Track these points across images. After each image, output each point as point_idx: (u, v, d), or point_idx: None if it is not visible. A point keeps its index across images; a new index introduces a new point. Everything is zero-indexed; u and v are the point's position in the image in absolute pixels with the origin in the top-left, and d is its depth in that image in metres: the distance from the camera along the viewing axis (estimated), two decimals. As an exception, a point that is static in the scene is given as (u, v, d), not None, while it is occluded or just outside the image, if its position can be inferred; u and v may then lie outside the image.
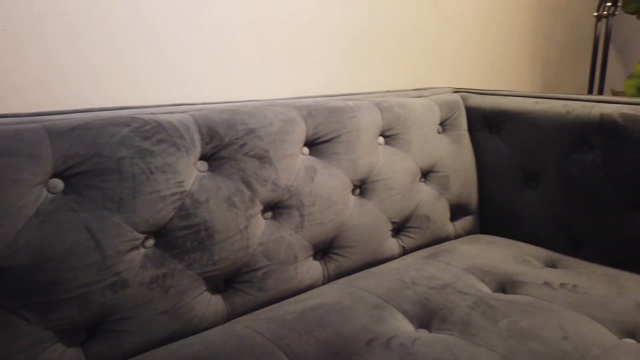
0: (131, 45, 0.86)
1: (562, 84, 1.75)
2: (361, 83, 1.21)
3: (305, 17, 1.08)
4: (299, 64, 1.09)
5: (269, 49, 1.03)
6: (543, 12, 1.58)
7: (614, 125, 0.94)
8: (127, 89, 0.87)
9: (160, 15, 0.88)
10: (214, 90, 0.97)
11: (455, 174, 1.10)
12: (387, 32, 1.24)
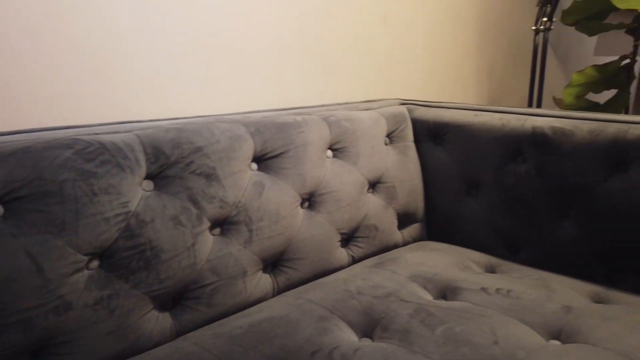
0: (75, 62, 0.86)
1: (506, 94, 1.83)
2: (312, 96, 1.24)
3: (254, 31, 1.10)
4: (249, 78, 1.11)
5: (217, 64, 1.04)
6: (487, 27, 1.66)
7: (545, 138, 1.01)
8: (70, 107, 0.86)
9: (103, 31, 0.88)
10: (161, 107, 0.97)
11: (402, 184, 1.15)
12: (337, 46, 1.28)
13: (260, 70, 1.12)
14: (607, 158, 0.92)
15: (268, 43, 1.12)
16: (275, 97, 1.16)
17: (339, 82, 1.30)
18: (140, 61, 0.93)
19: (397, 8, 1.39)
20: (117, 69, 0.91)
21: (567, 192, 0.98)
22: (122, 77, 0.91)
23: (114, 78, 0.90)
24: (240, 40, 1.07)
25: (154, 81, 0.96)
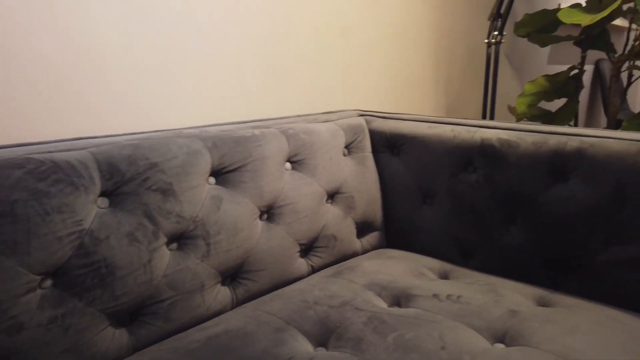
0: (28, 78, 0.85)
1: (463, 103, 1.90)
2: (272, 109, 1.26)
3: (213, 45, 1.11)
4: (208, 92, 1.12)
5: (175, 78, 1.05)
6: (443, 39, 1.72)
7: (493, 149, 1.06)
8: (23, 124, 0.86)
9: (56, 46, 0.88)
10: (117, 122, 0.97)
11: (360, 194, 1.18)
12: (297, 59, 1.30)
13: (220, 84, 1.13)
14: (549, 168, 0.98)
15: (227, 57, 1.14)
16: (235, 110, 1.18)
17: (299, 94, 1.32)
18: (96, 76, 0.93)
19: (355, 22, 1.42)
20: (72, 84, 0.90)
21: (514, 201, 1.03)
22: (77, 93, 0.91)
23: (68, 93, 0.90)
24: (199, 54, 1.08)
25: (110, 96, 0.96)
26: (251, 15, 1.17)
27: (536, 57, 2.44)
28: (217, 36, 1.11)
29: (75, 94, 0.91)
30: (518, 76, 2.32)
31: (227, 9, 1.11)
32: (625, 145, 0.89)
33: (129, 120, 0.99)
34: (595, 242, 0.93)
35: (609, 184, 0.90)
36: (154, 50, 1.01)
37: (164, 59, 1.02)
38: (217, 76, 1.13)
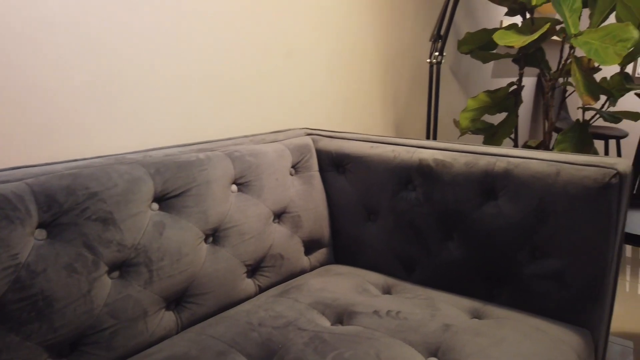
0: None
1: (410, 118, 1.97)
2: (219, 130, 1.28)
3: (157, 67, 1.11)
4: (152, 115, 1.12)
5: (117, 102, 1.05)
6: (389, 58, 1.78)
7: (429, 169, 1.11)
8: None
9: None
10: (57, 149, 0.97)
11: (307, 212, 1.21)
12: (244, 79, 1.32)
13: (164, 106, 1.14)
14: (480, 187, 1.04)
15: (172, 78, 1.15)
16: (180, 132, 1.18)
17: (246, 114, 1.34)
18: (35, 101, 0.93)
19: (301, 42, 1.46)
20: (9, 110, 0.89)
21: (450, 217, 1.09)
22: (15, 120, 0.90)
23: (4, 120, 0.89)
24: (142, 77, 1.09)
25: (49, 122, 0.95)
26: (196, 35, 1.18)
27: (481, 71, 2.56)
28: (161, 57, 1.12)
29: (10, 121, 0.90)
30: (464, 90, 2.43)
31: (169, 29, 1.12)
32: (545, 166, 0.97)
33: (68, 146, 0.98)
34: (522, 256, 1.00)
35: (533, 202, 0.97)
36: (91, 72, 1.00)
37: (103, 80, 1.02)
38: (161, 98, 1.13)
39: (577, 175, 0.92)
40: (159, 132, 1.14)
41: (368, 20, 1.67)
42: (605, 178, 0.90)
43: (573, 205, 0.92)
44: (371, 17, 1.68)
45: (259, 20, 1.33)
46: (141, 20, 1.06)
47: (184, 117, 1.19)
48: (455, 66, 2.29)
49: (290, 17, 1.41)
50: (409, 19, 1.85)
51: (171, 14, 1.12)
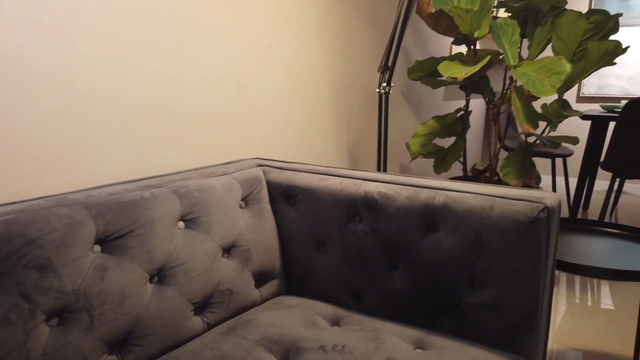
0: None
1: (362, 143, 2.02)
2: (168, 164, 1.28)
3: (99, 103, 1.11)
4: (96, 152, 1.11)
5: (58, 141, 1.04)
6: (341, 87, 1.83)
7: (374, 202, 1.15)
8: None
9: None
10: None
11: (257, 245, 1.22)
12: (193, 112, 1.33)
13: (110, 142, 1.13)
14: (422, 220, 1.08)
15: (118, 113, 1.14)
16: (127, 168, 1.18)
17: (196, 146, 1.35)
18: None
19: (251, 73, 1.48)
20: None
21: (395, 249, 1.13)
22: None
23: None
24: (85, 112, 1.08)
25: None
26: (143, 67, 1.18)
27: (433, 94, 2.65)
28: (105, 89, 1.11)
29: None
30: (417, 113, 2.51)
31: (114, 61, 1.12)
32: (480, 200, 1.02)
33: (5, 189, 0.96)
34: (462, 287, 1.04)
35: (469, 234, 1.01)
36: (29, 107, 0.99)
37: (43, 116, 1.01)
38: (106, 133, 1.13)
39: (509, 210, 0.98)
40: (104, 168, 1.13)
41: (319, 50, 1.71)
42: (534, 212, 0.95)
43: (506, 238, 0.97)
44: (322, 47, 1.72)
45: (208, 51, 1.34)
46: (83, 53, 1.06)
47: (131, 152, 1.18)
48: (407, 90, 2.37)
49: (241, 49, 1.44)
50: (360, 49, 1.91)
51: (115, 45, 1.12)
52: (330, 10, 1.73)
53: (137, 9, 1.15)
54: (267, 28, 1.51)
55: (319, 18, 1.68)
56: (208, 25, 1.33)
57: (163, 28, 1.21)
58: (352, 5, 1.82)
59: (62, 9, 1.00)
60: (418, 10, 1.93)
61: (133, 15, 1.14)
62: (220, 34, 1.37)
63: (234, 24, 1.40)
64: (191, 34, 1.29)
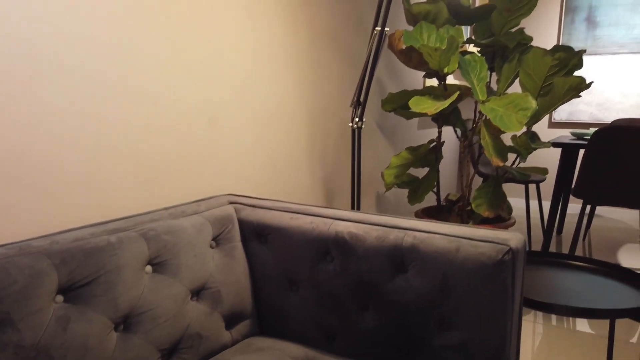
0: None
1: (337, 174, 2.03)
2: (137, 204, 1.26)
3: (67, 138, 1.10)
4: (61, 195, 1.10)
5: (21, 181, 1.03)
6: (315, 120, 1.85)
7: (345, 241, 1.15)
8: None
9: None
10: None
11: (227, 286, 1.21)
12: (164, 149, 1.32)
13: (76, 183, 1.12)
14: (391, 261, 1.09)
15: (84, 153, 1.13)
16: (94, 210, 1.16)
17: (166, 186, 1.34)
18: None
19: (223, 110, 1.49)
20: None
21: (365, 289, 1.13)
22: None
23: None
24: (48, 157, 1.07)
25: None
26: (110, 109, 1.18)
27: (407, 124, 2.69)
28: (69, 133, 1.11)
29: None
30: (392, 141, 2.54)
31: (79, 103, 1.12)
32: (447, 242, 1.03)
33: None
34: (431, 328, 1.04)
35: (437, 276, 1.02)
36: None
37: (4, 161, 1.00)
38: (72, 175, 1.11)
39: (474, 252, 0.99)
40: (69, 212, 1.11)
41: (294, 84, 1.73)
42: (499, 255, 0.97)
43: (472, 280, 0.99)
44: (297, 81, 1.74)
45: (179, 88, 1.34)
46: (46, 96, 1.05)
47: (98, 194, 1.17)
48: (382, 119, 2.40)
49: (214, 85, 1.45)
50: (334, 82, 1.94)
51: (80, 87, 1.11)
52: (305, 44, 1.76)
53: (104, 50, 1.15)
54: (242, 63, 1.52)
55: (293, 52, 1.71)
56: (179, 63, 1.34)
57: (131, 68, 1.21)
58: (326, 39, 1.86)
59: (25, 53, 1.00)
60: (390, 46, 1.98)
61: (99, 56, 1.14)
62: (193, 70, 1.37)
63: (207, 60, 1.41)
64: (161, 72, 1.29)
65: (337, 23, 1.91)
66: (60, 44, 1.06)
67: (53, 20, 1.04)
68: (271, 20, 1.61)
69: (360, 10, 2.07)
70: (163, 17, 1.27)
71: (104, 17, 1.14)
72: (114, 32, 1.16)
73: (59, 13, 1.05)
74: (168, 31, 1.29)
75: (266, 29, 1.59)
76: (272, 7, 1.61)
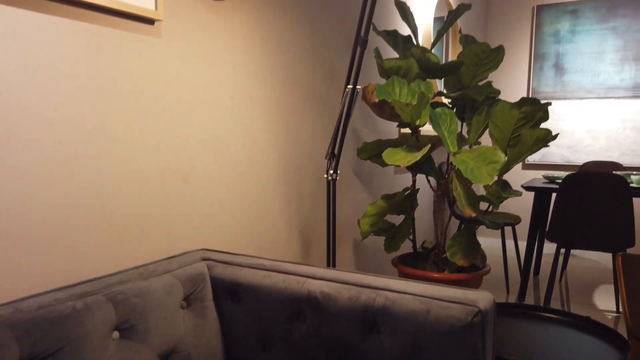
0: None
1: (313, 224, 2.04)
2: (108, 263, 1.25)
3: (31, 197, 1.08)
4: (26, 256, 1.08)
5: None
6: (291, 172, 1.87)
7: (317, 301, 1.15)
8: None
9: None
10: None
11: (197, 349, 1.19)
12: (136, 207, 1.32)
13: (44, 247, 1.10)
14: (363, 322, 1.09)
15: (53, 218, 1.12)
16: (62, 273, 1.14)
17: (137, 243, 1.33)
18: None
19: (197, 165, 1.50)
20: None
21: (338, 349, 1.12)
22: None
23: None
24: (14, 219, 1.05)
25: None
26: (80, 168, 1.17)
27: (384, 170, 2.73)
28: (37, 194, 1.09)
29: None
30: (369, 187, 2.57)
31: (47, 164, 1.11)
32: (418, 303, 1.04)
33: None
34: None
35: (408, 338, 1.02)
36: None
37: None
38: (39, 239, 1.10)
39: (444, 315, 1.00)
40: (36, 275, 1.09)
41: (268, 136, 1.75)
42: (468, 317, 0.97)
43: (442, 342, 0.99)
44: (271, 133, 1.77)
45: (152, 147, 1.35)
46: (14, 157, 1.05)
47: (67, 256, 1.15)
48: (358, 166, 2.44)
49: (186, 141, 1.46)
50: (310, 134, 1.97)
51: (52, 146, 1.11)
52: (280, 96, 1.79)
53: (75, 109, 1.16)
54: (216, 117, 1.54)
55: (268, 104, 1.74)
56: (152, 121, 1.35)
57: (102, 127, 1.22)
58: (301, 91, 1.90)
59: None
60: (364, 98, 2.04)
61: (71, 115, 1.15)
62: (166, 127, 1.39)
63: (180, 116, 1.43)
64: (134, 131, 1.30)
65: (311, 75, 1.97)
66: (32, 100, 1.06)
67: (24, 78, 1.05)
68: (246, 73, 1.65)
69: (335, 63, 2.13)
70: (135, 75, 1.30)
71: (75, 76, 1.15)
72: (87, 92, 1.17)
73: (32, 71, 1.06)
74: (140, 88, 1.31)
75: (240, 83, 1.63)
76: (247, 60, 1.65)
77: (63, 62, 1.11)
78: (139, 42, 1.29)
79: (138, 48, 1.29)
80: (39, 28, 1.07)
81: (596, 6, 4.17)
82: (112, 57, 1.22)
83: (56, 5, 1.10)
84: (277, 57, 1.78)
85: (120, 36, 1.24)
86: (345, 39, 2.21)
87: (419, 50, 1.89)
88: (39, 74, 1.07)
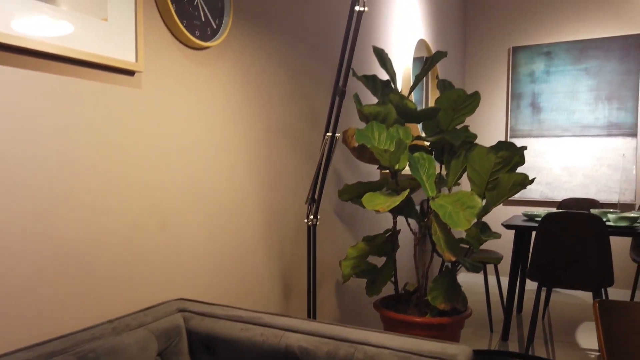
0: None
1: (295, 266, 2.02)
2: (79, 318, 1.21)
3: (5, 254, 1.06)
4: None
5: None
6: (272, 217, 1.87)
7: (295, 356, 1.13)
8: None
9: None
10: None
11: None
12: (110, 259, 1.29)
13: (10, 305, 1.07)
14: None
15: (21, 275, 1.09)
16: (29, 329, 1.10)
17: (112, 295, 1.30)
18: None
19: (176, 212, 1.49)
20: None
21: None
22: None
23: None
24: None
25: None
26: (55, 216, 1.15)
27: (365, 211, 2.74)
28: (8, 244, 1.07)
29: None
30: (351, 227, 2.57)
31: (14, 219, 1.09)
32: (396, 359, 1.02)
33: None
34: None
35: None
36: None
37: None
38: (5, 296, 1.07)
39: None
40: (2, 333, 1.05)
41: (247, 180, 1.76)
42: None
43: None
44: (251, 177, 1.77)
45: (127, 196, 1.34)
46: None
47: (36, 312, 1.12)
48: (340, 207, 2.44)
49: (163, 189, 1.45)
50: (291, 178, 1.98)
51: (25, 194, 1.10)
52: (262, 142, 1.81)
53: (49, 163, 1.15)
54: (195, 162, 1.54)
55: (248, 148, 1.75)
56: (130, 170, 1.34)
57: (77, 180, 1.21)
58: (282, 134, 1.92)
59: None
60: (344, 142, 2.06)
61: (46, 166, 1.14)
62: (144, 175, 1.38)
63: (157, 164, 1.43)
64: (110, 181, 1.29)
65: (293, 120, 1.99)
66: (11, 151, 1.05)
67: (4, 129, 1.04)
68: (226, 120, 1.66)
69: (316, 107, 2.17)
70: (115, 125, 1.30)
71: (55, 127, 1.15)
72: (65, 142, 1.17)
73: (14, 123, 1.05)
74: (119, 139, 1.31)
75: (221, 130, 1.64)
76: (227, 108, 1.67)
77: (42, 115, 1.11)
78: (119, 93, 1.30)
79: (118, 99, 1.29)
80: (20, 82, 1.07)
81: (569, 48, 4.34)
82: (92, 109, 1.22)
83: (37, 61, 1.10)
84: (258, 103, 1.80)
85: (101, 88, 1.24)
86: (327, 81, 2.26)
87: (397, 97, 1.93)
88: (20, 125, 1.06)
